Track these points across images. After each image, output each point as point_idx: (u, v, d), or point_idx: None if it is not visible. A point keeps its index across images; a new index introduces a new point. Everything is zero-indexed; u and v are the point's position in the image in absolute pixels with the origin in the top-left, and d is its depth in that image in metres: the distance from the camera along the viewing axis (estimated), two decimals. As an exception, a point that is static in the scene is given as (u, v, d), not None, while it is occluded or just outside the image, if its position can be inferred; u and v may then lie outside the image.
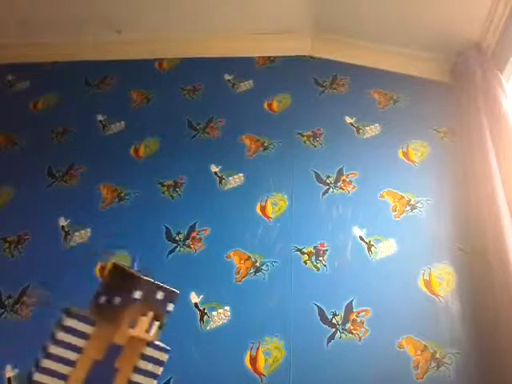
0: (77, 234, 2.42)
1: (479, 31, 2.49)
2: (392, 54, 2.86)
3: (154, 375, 1.23)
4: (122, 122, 2.86)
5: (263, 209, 2.42)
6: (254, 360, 2.02)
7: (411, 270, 2.18)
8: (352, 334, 2.05)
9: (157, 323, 1.25)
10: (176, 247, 2.35)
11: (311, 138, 2.65)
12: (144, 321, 1.20)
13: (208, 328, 2.12)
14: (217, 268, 2.26)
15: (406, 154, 2.54)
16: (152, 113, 2.90)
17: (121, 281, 1.23)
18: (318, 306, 2.12)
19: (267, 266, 2.25)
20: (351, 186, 2.46)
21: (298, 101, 2.83)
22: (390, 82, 2.81)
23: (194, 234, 2.37)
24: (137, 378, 1.20)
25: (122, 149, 2.74)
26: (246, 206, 2.44)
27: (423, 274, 2.16)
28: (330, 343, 2.03)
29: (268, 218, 2.39)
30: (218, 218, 2.42)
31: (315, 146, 2.63)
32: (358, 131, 2.66)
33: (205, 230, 2.38)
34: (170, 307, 1.28)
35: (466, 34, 2.55)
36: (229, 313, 2.14)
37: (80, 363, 1.11)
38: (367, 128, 2.67)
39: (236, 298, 2.17)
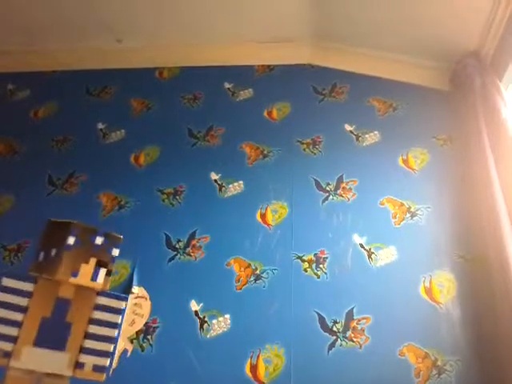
0: (77, 242, 2.41)
1: (478, 39, 2.51)
2: (391, 62, 2.88)
3: (113, 325, 1.18)
4: (123, 131, 2.87)
5: (263, 216, 2.42)
6: (254, 368, 2.01)
7: (412, 277, 2.17)
8: (353, 341, 2.04)
9: (103, 270, 1.19)
10: (176, 255, 2.34)
11: (311, 146, 2.66)
12: (86, 268, 1.14)
13: (208, 336, 2.11)
14: (217, 276, 2.26)
15: (405, 162, 2.55)
16: (152, 121, 2.91)
17: (56, 233, 1.18)
18: (318, 314, 2.12)
19: (267, 273, 2.25)
20: (351, 194, 2.46)
21: (297, 109, 2.84)
22: (390, 89, 2.83)
23: (194, 242, 2.37)
24: (94, 329, 1.15)
25: (122, 157, 2.74)
26: (246, 213, 2.44)
27: (424, 281, 2.16)
28: (330, 351, 2.03)
29: (268, 225, 2.39)
30: (218, 225, 2.42)
31: (315, 154, 2.63)
32: (357, 139, 2.67)
33: (205, 238, 2.38)
34: (115, 252, 1.22)
35: (464, 41, 2.56)
36: (229, 321, 2.14)
37: (27, 322, 1.08)
38: (367, 135, 2.67)
39: (236, 306, 2.17)
